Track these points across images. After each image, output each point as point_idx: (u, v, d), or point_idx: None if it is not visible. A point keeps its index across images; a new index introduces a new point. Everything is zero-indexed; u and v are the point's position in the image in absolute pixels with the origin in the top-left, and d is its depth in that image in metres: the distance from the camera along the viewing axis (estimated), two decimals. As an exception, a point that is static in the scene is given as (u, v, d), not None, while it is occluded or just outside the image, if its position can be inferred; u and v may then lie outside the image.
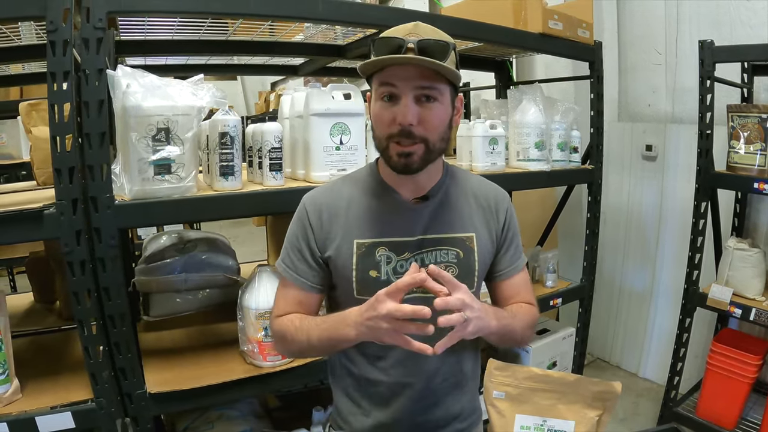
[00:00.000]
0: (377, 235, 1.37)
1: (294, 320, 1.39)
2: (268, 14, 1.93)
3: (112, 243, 1.64)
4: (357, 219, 1.39)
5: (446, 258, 1.38)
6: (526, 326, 1.43)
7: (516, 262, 1.50)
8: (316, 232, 1.40)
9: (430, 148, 1.29)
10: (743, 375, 2.75)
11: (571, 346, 3.26)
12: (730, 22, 3.21)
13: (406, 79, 1.24)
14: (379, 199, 1.41)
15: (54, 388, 1.82)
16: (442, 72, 1.24)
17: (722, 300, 2.77)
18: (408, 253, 1.37)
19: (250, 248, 6.13)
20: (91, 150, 1.58)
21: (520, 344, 1.53)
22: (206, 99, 1.76)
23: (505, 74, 3.59)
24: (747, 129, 2.70)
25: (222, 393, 1.90)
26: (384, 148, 1.31)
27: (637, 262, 3.89)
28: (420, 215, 1.39)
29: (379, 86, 1.29)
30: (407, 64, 1.23)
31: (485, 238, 1.43)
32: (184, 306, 2.28)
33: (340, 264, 1.38)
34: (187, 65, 2.98)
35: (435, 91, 1.27)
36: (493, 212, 1.46)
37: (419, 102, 1.26)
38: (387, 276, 1.36)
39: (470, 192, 1.46)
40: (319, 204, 1.42)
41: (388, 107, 1.27)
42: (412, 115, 1.24)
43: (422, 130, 1.26)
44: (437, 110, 1.28)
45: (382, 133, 1.30)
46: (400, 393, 1.41)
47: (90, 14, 1.54)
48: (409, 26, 1.28)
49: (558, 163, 2.88)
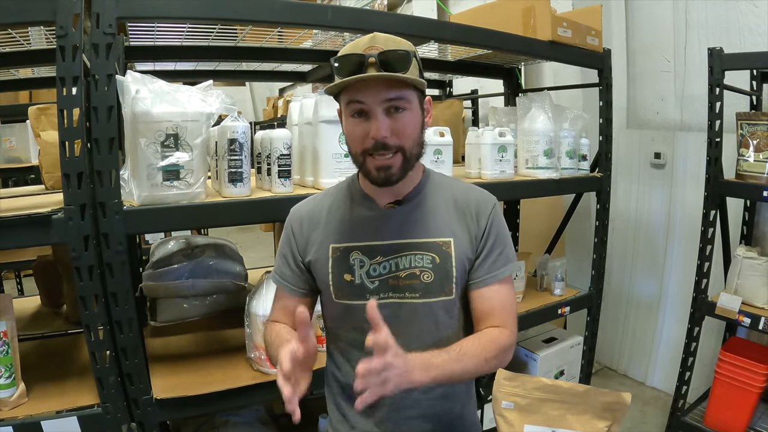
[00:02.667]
0: (351, 239, 1.42)
1: (272, 332, 1.45)
2: (278, 21, 1.93)
3: (120, 249, 1.63)
4: (334, 225, 1.45)
5: (421, 263, 1.39)
6: (483, 361, 1.32)
7: (496, 270, 1.43)
8: (297, 239, 1.47)
9: (407, 156, 1.33)
10: (751, 384, 2.73)
11: (579, 355, 3.24)
12: (738, 30, 3.20)
13: (374, 95, 1.27)
14: (356, 206, 1.45)
15: (60, 392, 1.82)
16: (407, 79, 1.26)
17: (731, 309, 2.75)
18: (381, 256, 1.39)
19: (259, 254, 6.15)
20: (100, 155, 1.58)
21: (479, 375, 1.50)
22: (215, 105, 1.76)
23: (513, 81, 3.58)
24: (756, 137, 2.69)
25: (228, 400, 1.89)
26: (361, 163, 1.34)
27: (645, 270, 3.87)
28: (393, 219, 1.41)
29: (347, 104, 1.32)
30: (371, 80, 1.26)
31: (464, 244, 1.41)
32: (191, 312, 2.28)
33: (318, 268, 1.44)
34: (196, 71, 2.98)
35: (403, 101, 1.29)
36: (473, 217, 1.43)
37: (389, 114, 1.29)
38: (361, 280, 1.39)
39: (450, 197, 1.46)
40: (301, 214, 1.50)
41: (360, 123, 1.30)
42: (385, 128, 1.27)
43: (396, 140, 1.29)
44: (408, 118, 1.31)
45: (356, 149, 1.34)
46: (382, 401, 1.39)
47: (100, 19, 1.54)
48: (366, 39, 1.31)
49: (567, 171, 2.86)
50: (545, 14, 2.63)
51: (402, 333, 1.36)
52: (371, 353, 1.09)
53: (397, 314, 1.38)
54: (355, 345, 1.38)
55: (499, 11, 2.82)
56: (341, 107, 1.37)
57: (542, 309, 2.89)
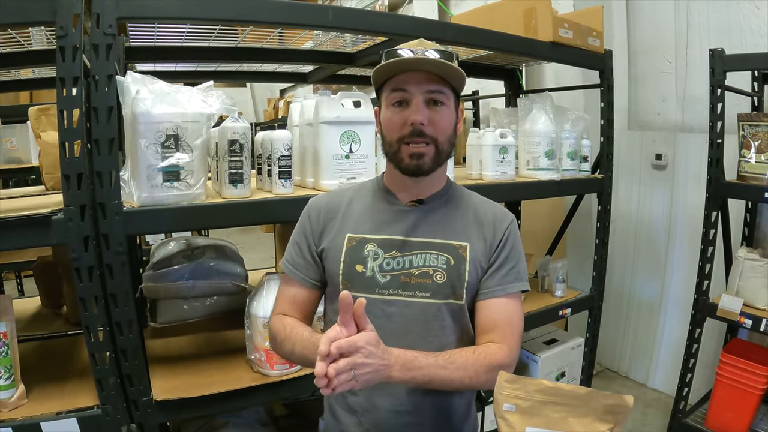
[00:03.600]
0: (368, 231, 1.43)
1: (287, 326, 1.43)
2: (278, 22, 1.94)
3: (120, 250, 1.63)
4: (353, 216, 1.46)
5: (435, 263, 1.39)
6: (471, 373, 1.31)
7: (505, 284, 1.41)
8: (314, 227, 1.48)
9: (440, 149, 1.37)
10: (753, 386, 2.72)
11: (580, 357, 3.24)
12: (740, 31, 3.20)
13: (416, 84, 1.33)
14: (377, 201, 1.48)
15: (60, 393, 1.81)
16: (450, 75, 1.35)
17: (732, 310, 2.74)
18: (396, 251, 1.40)
19: (259, 255, 6.15)
20: (100, 156, 1.58)
21: (466, 389, 1.49)
22: (216, 106, 1.76)
23: (514, 82, 3.58)
24: (758, 138, 2.68)
25: (228, 401, 1.88)
26: (395, 151, 1.37)
27: (647, 271, 3.87)
28: (412, 217, 1.43)
29: (390, 93, 1.38)
30: (418, 70, 1.33)
31: (479, 251, 1.42)
32: (192, 313, 2.27)
33: (330, 256, 1.44)
34: (196, 72, 2.98)
35: (442, 96, 1.36)
36: (491, 228, 1.45)
37: (428, 105, 1.35)
38: (373, 272, 1.39)
39: (470, 207, 1.49)
40: (321, 204, 1.51)
41: (399, 112, 1.36)
42: (423, 115, 1.33)
43: (432, 131, 1.35)
44: (445, 113, 1.37)
45: (393, 136, 1.37)
46: (375, 406, 1.41)
47: (100, 20, 1.54)
48: (415, 42, 1.38)
49: (568, 173, 2.86)
50: (546, 15, 2.63)
51: (407, 332, 1.36)
52: None
53: (403, 312, 1.38)
54: None
55: (500, 12, 2.82)
56: (381, 98, 1.42)
57: (543, 311, 2.90)
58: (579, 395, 1.57)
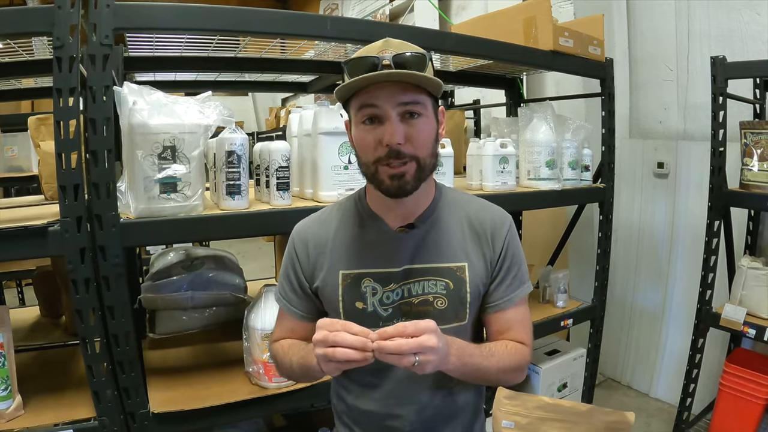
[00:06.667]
0: (362, 266, 1.35)
1: (284, 344, 1.41)
2: (276, 32, 1.93)
3: (117, 261, 1.62)
4: (342, 249, 1.38)
5: (434, 289, 1.34)
6: (506, 368, 1.32)
7: (512, 293, 1.39)
8: (303, 265, 1.41)
9: (422, 166, 1.25)
10: (757, 396, 2.70)
11: (582, 367, 3.22)
12: (741, 38, 3.19)
13: (388, 98, 1.19)
14: (365, 229, 1.38)
15: (57, 405, 1.81)
16: (425, 84, 1.21)
17: (736, 320, 2.72)
18: (394, 284, 1.34)
19: (260, 264, 6.14)
20: (97, 167, 1.57)
21: (495, 384, 1.46)
22: (213, 117, 1.76)
23: (515, 92, 3.57)
24: (760, 146, 2.67)
25: (226, 414, 1.88)
26: (373, 173, 1.26)
27: (649, 280, 3.84)
28: (406, 245, 1.35)
29: (359, 110, 1.24)
30: (387, 81, 1.19)
31: (479, 268, 1.37)
32: (190, 324, 2.27)
33: (327, 295, 1.38)
34: (196, 81, 2.98)
35: (418, 106, 1.22)
36: (489, 241, 1.38)
37: (404, 119, 1.21)
38: (373, 308, 1.34)
39: (465, 217, 1.40)
40: (305, 236, 1.42)
41: (372, 130, 1.23)
42: (399, 134, 1.19)
43: (411, 149, 1.22)
44: (423, 125, 1.23)
45: (368, 158, 1.25)
46: (391, 424, 1.38)
47: (97, 31, 1.54)
48: (379, 44, 1.26)
49: (569, 182, 2.85)
50: (547, 24, 2.62)
51: None
52: (380, 372, 1.09)
53: None
54: (365, 368, 1.31)
55: (500, 21, 2.82)
56: (350, 114, 1.29)
57: (545, 321, 2.88)
58: (579, 412, 1.56)
